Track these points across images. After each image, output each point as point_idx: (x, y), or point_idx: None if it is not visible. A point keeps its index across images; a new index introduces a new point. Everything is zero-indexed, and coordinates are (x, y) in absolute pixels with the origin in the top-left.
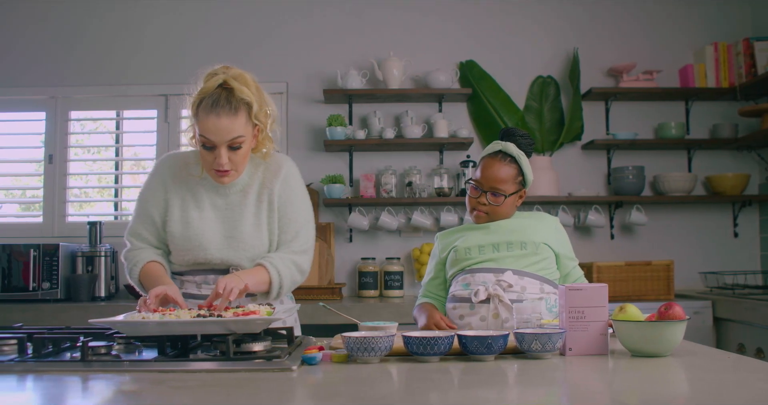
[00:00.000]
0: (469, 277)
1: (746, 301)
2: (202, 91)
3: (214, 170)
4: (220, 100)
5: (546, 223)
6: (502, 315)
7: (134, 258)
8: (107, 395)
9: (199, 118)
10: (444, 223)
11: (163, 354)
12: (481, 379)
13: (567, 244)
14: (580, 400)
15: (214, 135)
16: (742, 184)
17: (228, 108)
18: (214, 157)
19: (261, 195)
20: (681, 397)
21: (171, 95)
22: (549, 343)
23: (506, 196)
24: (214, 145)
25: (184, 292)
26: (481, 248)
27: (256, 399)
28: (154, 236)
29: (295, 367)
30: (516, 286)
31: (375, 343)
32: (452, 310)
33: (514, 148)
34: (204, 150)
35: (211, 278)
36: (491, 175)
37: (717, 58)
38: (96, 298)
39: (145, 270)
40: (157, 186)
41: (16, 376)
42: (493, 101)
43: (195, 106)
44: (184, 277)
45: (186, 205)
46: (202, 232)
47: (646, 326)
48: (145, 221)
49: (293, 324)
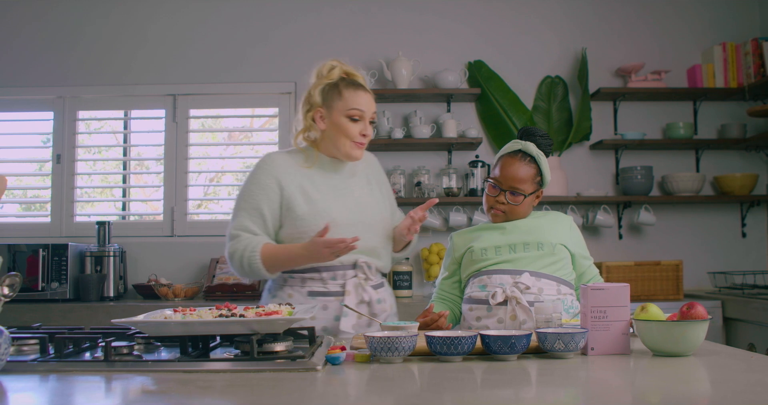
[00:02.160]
0: (486, 279)
1: (756, 300)
2: (328, 77)
3: (353, 143)
4: (358, 81)
5: (561, 223)
6: (519, 317)
7: (248, 244)
8: (134, 395)
9: (345, 96)
10: (453, 223)
11: (186, 354)
12: (506, 378)
13: (582, 243)
14: (603, 399)
15: (365, 106)
16: (751, 185)
17: (367, 88)
18: (360, 128)
19: (368, 177)
20: (704, 396)
21: (179, 95)
22: (572, 342)
23: (525, 195)
24: (362, 116)
25: (309, 290)
26: (498, 249)
27: (285, 399)
28: (261, 230)
29: (320, 366)
30: (533, 288)
31: (399, 343)
32: (469, 311)
33: (533, 147)
34: (350, 122)
35: (340, 273)
36: (511, 174)
37: (725, 59)
38: (105, 298)
39: (266, 249)
40: (267, 181)
41: (39, 376)
42: (502, 101)
43: (324, 91)
44: (306, 275)
45: (305, 189)
46: (329, 206)
47: (670, 326)
48: (252, 215)
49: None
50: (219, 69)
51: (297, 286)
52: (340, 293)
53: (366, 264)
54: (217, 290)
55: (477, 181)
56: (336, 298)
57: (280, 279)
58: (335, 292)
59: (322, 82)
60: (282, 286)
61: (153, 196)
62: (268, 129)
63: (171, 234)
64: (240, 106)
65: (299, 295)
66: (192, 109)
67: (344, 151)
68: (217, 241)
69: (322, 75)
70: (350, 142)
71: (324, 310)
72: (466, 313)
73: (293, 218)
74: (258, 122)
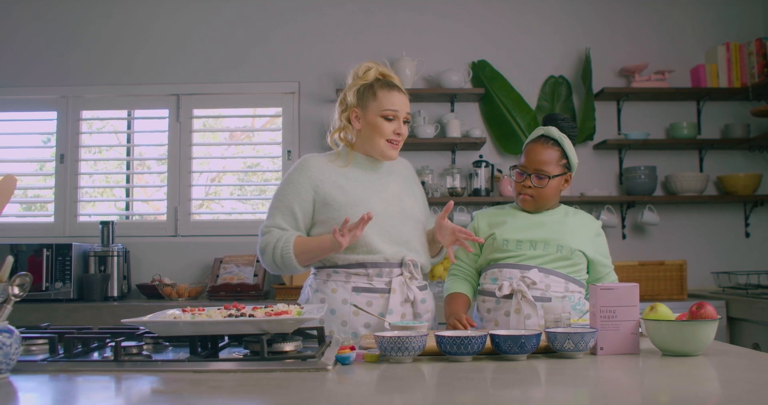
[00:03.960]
0: (497, 272)
1: (761, 300)
2: (363, 78)
3: (387, 142)
4: (394, 82)
5: (588, 229)
6: (524, 311)
7: (281, 237)
8: (145, 395)
9: (379, 96)
10: (456, 223)
11: (195, 354)
12: (516, 378)
13: (605, 251)
14: (613, 399)
15: (399, 106)
16: (754, 184)
17: (402, 89)
18: (394, 127)
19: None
20: (714, 396)
21: (183, 95)
22: (581, 342)
23: (550, 177)
24: (397, 116)
25: (354, 286)
26: (519, 243)
27: (296, 398)
28: (293, 227)
29: (330, 366)
30: (540, 284)
31: (409, 343)
32: (482, 303)
33: (556, 131)
34: (385, 121)
35: (386, 271)
36: (534, 157)
37: (729, 58)
38: (108, 298)
39: (298, 240)
40: (303, 182)
41: (49, 376)
42: (506, 101)
43: (360, 92)
44: (352, 270)
45: (342, 185)
46: (367, 197)
47: (680, 326)
48: (285, 214)
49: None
50: (222, 69)
51: (341, 282)
52: (385, 290)
53: (412, 262)
54: (220, 290)
55: (481, 181)
56: (381, 295)
57: (323, 274)
58: (380, 289)
59: (357, 83)
60: (326, 281)
61: (156, 196)
62: (270, 129)
63: (174, 234)
64: (244, 106)
65: (343, 291)
66: (195, 109)
67: (379, 150)
68: (221, 241)
69: (358, 76)
70: (384, 142)
71: (368, 307)
72: (479, 305)
73: (331, 211)
74: (262, 122)
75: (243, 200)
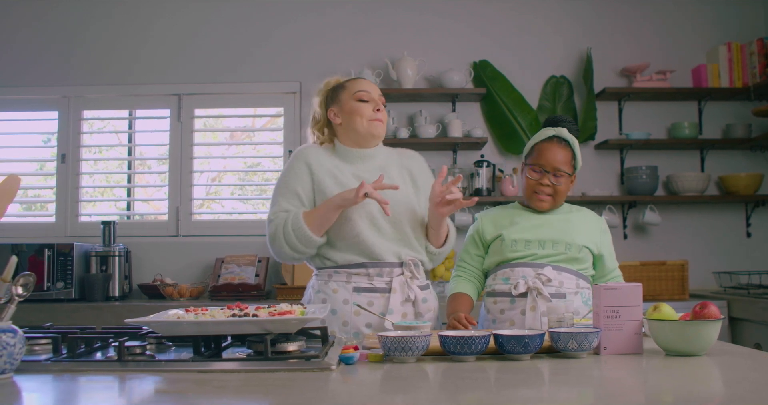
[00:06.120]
0: (509, 272)
1: (762, 300)
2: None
3: (370, 121)
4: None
5: (593, 224)
6: (540, 308)
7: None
8: (150, 395)
9: (347, 85)
10: (458, 223)
11: (199, 354)
12: (520, 378)
13: (609, 248)
14: (617, 399)
15: (369, 87)
16: (755, 184)
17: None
18: (372, 106)
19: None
20: (718, 396)
21: (184, 95)
22: (585, 342)
23: (569, 175)
24: (372, 98)
25: (355, 286)
26: (528, 243)
27: (300, 398)
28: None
29: (334, 366)
30: (554, 281)
31: (412, 343)
32: (493, 304)
33: (566, 132)
34: (361, 103)
35: (386, 270)
36: (553, 157)
37: (730, 58)
38: (110, 298)
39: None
40: (301, 167)
41: (53, 376)
42: (507, 101)
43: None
44: (353, 270)
45: (335, 174)
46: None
47: (683, 326)
48: (290, 197)
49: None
50: (223, 68)
51: (342, 282)
52: (386, 290)
53: (413, 261)
54: (222, 290)
55: (482, 181)
56: (382, 294)
57: (324, 275)
58: (381, 289)
59: (322, 93)
60: (327, 281)
61: (157, 196)
62: (271, 129)
63: (176, 234)
64: (245, 106)
65: (344, 291)
66: (197, 109)
67: (363, 131)
68: (222, 240)
69: (320, 89)
70: (366, 120)
71: (369, 307)
72: (490, 306)
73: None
74: (263, 122)
75: (244, 200)
